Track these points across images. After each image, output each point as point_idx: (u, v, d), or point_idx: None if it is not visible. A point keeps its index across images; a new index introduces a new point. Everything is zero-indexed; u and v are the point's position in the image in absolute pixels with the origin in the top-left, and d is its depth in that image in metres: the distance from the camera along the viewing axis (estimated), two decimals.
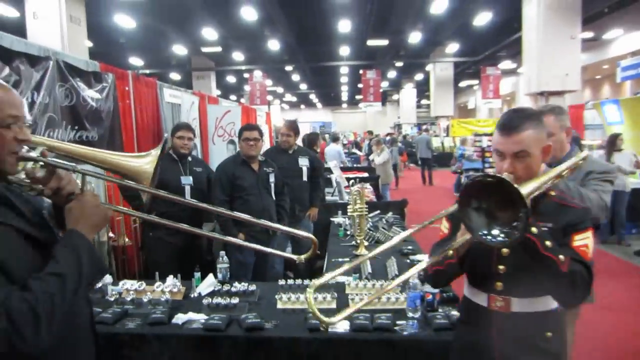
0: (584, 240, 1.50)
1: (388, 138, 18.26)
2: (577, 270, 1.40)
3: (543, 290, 1.51)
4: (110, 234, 4.01)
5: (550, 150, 1.58)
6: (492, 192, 1.29)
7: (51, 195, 1.31)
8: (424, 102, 33.76)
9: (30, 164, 1.27)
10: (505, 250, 1.56)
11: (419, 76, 25.54)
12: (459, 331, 1.81)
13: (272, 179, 3.89)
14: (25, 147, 1.25)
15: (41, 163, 1.27)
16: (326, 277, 1.49)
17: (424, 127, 23.64)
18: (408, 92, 27.68)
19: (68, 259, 1.18)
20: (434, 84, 22.12)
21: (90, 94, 3.99)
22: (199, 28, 14.04)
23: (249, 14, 12.21)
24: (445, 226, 1.77)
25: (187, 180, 3.73)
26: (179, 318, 2.32)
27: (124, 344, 2.22)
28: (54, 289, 1.12)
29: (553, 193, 1.60)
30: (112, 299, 2.54)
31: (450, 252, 1.54)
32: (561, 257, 1.37)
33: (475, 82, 25.90)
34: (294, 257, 1.62)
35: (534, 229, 1.37)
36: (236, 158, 3.87)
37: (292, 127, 4.70)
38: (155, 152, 1.55)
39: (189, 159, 3.84)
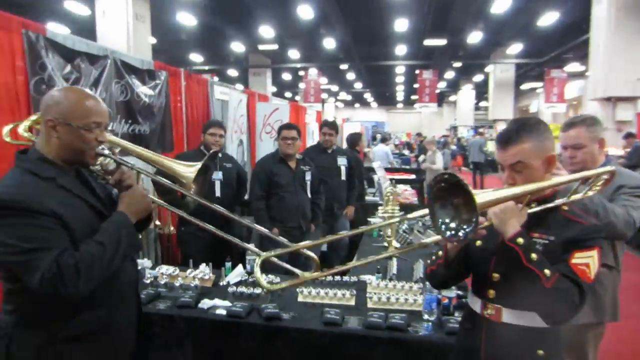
0: (586, 259, 1.45)
1: (442, 140, 17.96)
2: (564, 288, 1.39)
3: (530, 304, 1.51)
4: (157, 222, 4.27)
5: (554, 160, 1.57)
6: (459, 191, 1.37)
7: (114, 184, 1.70)
8: (482, 104, 32.86)
9: (104, 159, 1.67)
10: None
11: (478, 77, 24.87)
12: (457, 334, 1.86)
13: (308, 177, 4.01)
14: (102, 146, 1.63)
15: (111, 159, 1.69)
16: (278, 252, 1.63)
17: (480, 129, 23.03)
18: (466, 94, 27.04)
19: (111, 232, 1.56)
20: (493, 86, 21.50)
21: (144, 90, 4.25)
22: (256, 26, 14.36)
23: (305, 13, 12.38)
24: None
25: (217, 176, 3.81)
26: (205, 303, 2.50)
27: (155, 323, 2.41)
28: (95, 253, 1.48)
29: (565, 208, 1.58)
30: (148, 281, 2.75)
31: (440, 252, 1.60)
32: (547, 271, 1.38)
33: (539, 84, 24.90)
34: (298, 271, 1.75)
35: (519, 240, 1.41)
36: (274, 155, 4.02)
37: (335, 126, 4.82)
38: (198, 165, 1.91)
39: (219, 155, 3.92)
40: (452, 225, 1.43)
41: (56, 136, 1.56)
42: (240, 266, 2.98)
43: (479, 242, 1.68)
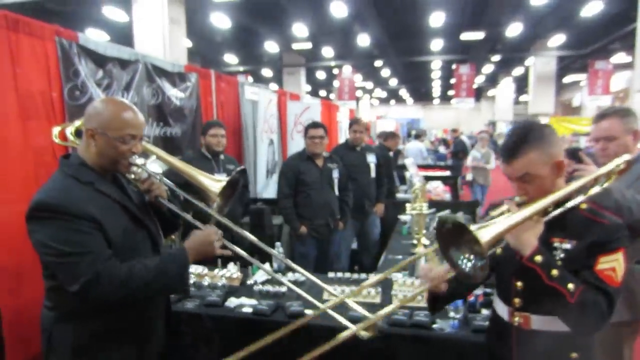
0: (611, 263, 1.40)
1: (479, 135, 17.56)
2: (590, 300, 1.35)
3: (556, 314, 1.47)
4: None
5: (563, 165, 1.50)
6: (463, 233, 1.37)
7: (144, 192, 1.81)
8: (522, 98, 31.97)
9: (137, 168, 1.77)
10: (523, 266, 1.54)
11: (518, 71, 24.19)
12: (486, 340, 1.83)
13: (335, 174, 4.01)
14: (135, 156, 1.72)
15: (141, 170, 1.78)
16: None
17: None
18: (505, 88, 26.36)
19: (165, 265, 1.63)
20: (534, 79, 20.85)
21: (175, 93, 4.35)
22: (290, 25, 14.42)
23: (339, 10, 12.34)
24: None
25: (221, 178, 3.77)
26: (232, 302, 2.54)
27: (182, 321, 2.46)
28: (139, 276, 1.56)
29: (584, 206, 1.51)
30: None
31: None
32: (570, 286, 1.34)
33: (582, 77, 24.04)
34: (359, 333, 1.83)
35: (537, 258, 1.37)
36: (302, 154, 4.04)
37: (364, 124, 4.81)
38: (225, 180, 1.97)
39: (221, 157, 3.87)
40: (470, 262, 1.43)
41: (94, 144, 1.67)
42: (267, 265, 3.00)
43: (499, 250, 1.64)
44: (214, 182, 1.96)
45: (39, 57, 2.86)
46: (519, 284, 1.55)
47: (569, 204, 1.51)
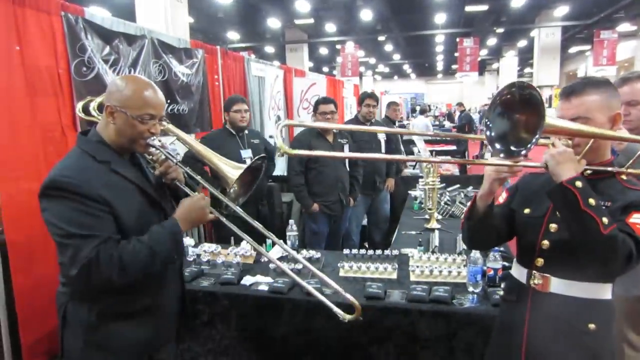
0: None
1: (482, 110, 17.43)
2: (621, 236, 1.29)
3: (585, 273, 1.42)
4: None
5: (620, 119, 1.46)
6: (526, 108, 1.28)
7: (160, 175, 1.76)
8: (527, 70, 31.67)
9: (155, 150, 1.72)
10: (554, 226, 1.50)
11: (522, 43, 23.88)
12: (500, 309, 1.78)
13: (346, 150, 3.96)
14: (154, 137, 1.66)
15: (159, 151, 1.73)
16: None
17: None
18: (509, 61, 26.04)
19: (158, 236, 1.59)
20: (538, 51, 20.57)
21: (181, 70, 4.27)
22: (292, 0, 14.20)
23: None
24: (502, 197, 1.73)
25: (247, 154, 3.70)
26: (247, 280, 2.52)
27: (198, 300, 2.45)
28: (137, 251, 1.53)
29: (624, 177, 1.48)
30: (191, 259, 2.79)
31: (469, 203, 1.56)
32: (605, 220, 1.28)
33: (587, 47, 23.72)
34: (340, 314, 1.80)
35: (579, 183, 1.31)
36: (312, 130, 3.97)
37: (376, 98, 4.73)
38: (243, 167, 1.95)
39: (246, 132, 3.82)
40: (503, 141, 1.33)
41: (113, 122, 1.63)
42: (281, 242, 2.98)
43: (527, 210, 1.60)
44: (232, 169, 1.91)
45: (45, 32, 2.79)
46: (545, 242, 1.51)
47: (612, 168, 1.48)
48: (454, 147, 8.65)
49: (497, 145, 1.34)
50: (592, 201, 1.30)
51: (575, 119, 1.43)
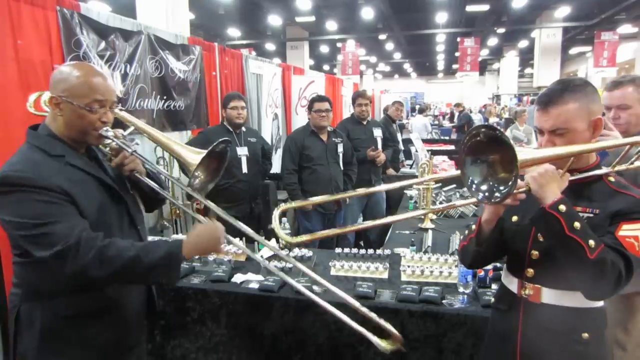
0: (634, 232, 1.32)
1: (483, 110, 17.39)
2: (609, 259, 1.26)
3: (573, 282, 1.39)
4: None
5: (600, 124, 1.41)
6: (496, 148, 1.25)
7: (118, 167, 1.66)
8: (527, 71, 31.62)
9: (109, 141, 1.62)
10: (541, 235, 1.47)
11: (523, 43, 23.85)
12: (491, 317, 1.75)
13: (340, 149, 3.97)
14: (107, 127, 1.56)
15: (113, 141, 1.62)
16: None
17: (525, 97, 22.18)
18: (510, 61, 25.99)
19: (153, 252, 1.46)
20: (539, 52, 20.56)
21: (178, 66, 4.26)
22: None
23: None
24: None
25: (243, 151, 3.71)
26: (238, 277, 2.52)
27: (189, 297, 2.45)
28: (122, 254, 1.42)
29: (612, 179, 1.45)
30: None
31: (473, 226, 1.52)
32: (591, 242, 1.25)
33: (588, 48, 23.70)
34: (379, 345, 1.56)
35: (561, 207, 1.28)
36: (306, 128, 3.98)
37: (368, 97, 4.73)
38: (204, 153, 1.72)
39: (243, 129, 3.83)
40: (484, 187, 1.31)
41: (60, 114, 1.53)
42: (273, 240, 2.98)
43: (515, 218, 1.57)
44: (194, 154, 1.73)
45: (40, 26, 2.79)
46: (535, 252, 1.48)
47: (597, 172, 1.45)
48: (452, 147, 8.63)
49: (481, 193, 1.32)
50: (577, 225, 1.28)
51: (554, 131, 1.40)
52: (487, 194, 1.31)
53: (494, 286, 2.33)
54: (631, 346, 2.29)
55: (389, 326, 1.55)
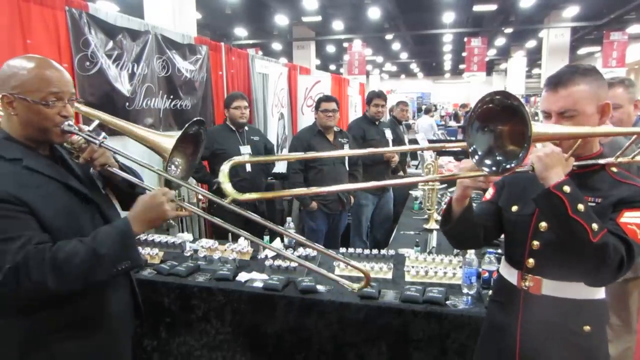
0: (636, 219, 1.31)
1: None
2: (612, 244, 1.24)
3: (578, 273, 1.36)
4: (200, 196, 4.35)
5: (609, 109, 1.40)
6: (509, 118, 1.20)
7: (87, 163, 1.52)
8: (535, 71, 31.46)
9: (73, 136, 1.48)
10: (543, 224, 1.45)
11: (531, 43, 23.71)
12: (488, 310, 1.74)
13: (346, 149, 3.97)
14: (68, 121, 1.43)
15: (78, 136, 1.48)
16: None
17: (533, 98, 22.05)
18: (517, 61, 25.85)
19: (102, 237, 1.35)
20: (547, 52, 20.42)
21: (185, 65, 4.30)
22: None
23: None
24: (489, 192, 1.68)
25: (246, 150, 3.75)
26: (243, 276, 2.54)
27: (194, 295, 2.47)
28: (74, 252, 1.30)
29: (614, 169, 1.43)
30: (188, 254, 2.82)
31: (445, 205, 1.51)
32: (594, 226, 1.24)
33: (597, 48, 23.53)
34: (347, 285, 1.52)
35: (566, 187, 1.26)
36: (312, 128, 3.99)
37: (385, 98, 4.73)
38: (177, 135, 1.59)
39: (246, 128, 3.88)
40: (488, 158, 1.25)
41: (14, 113, 1.39)
42: (278, 240, 3.00)
43: (515, 207, 1.54)
44: (165, 138, 1.60)
45: (49, 26, 2.83)
46: (536, 242, 1.46)
47: (601, 160, 1.44)
48: (459, 148, 8.62)
49: (487, 163, 1.25)
50: (581, 207, 1.25)
51: (563, 113, 1.37)
52: (492, 166, 1.24)
53: (493, 285, 2.33)
54: (623, 332, 2.39)
55: (360, 266, 1.54)
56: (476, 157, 1.26)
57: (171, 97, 4.12)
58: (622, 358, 2.48)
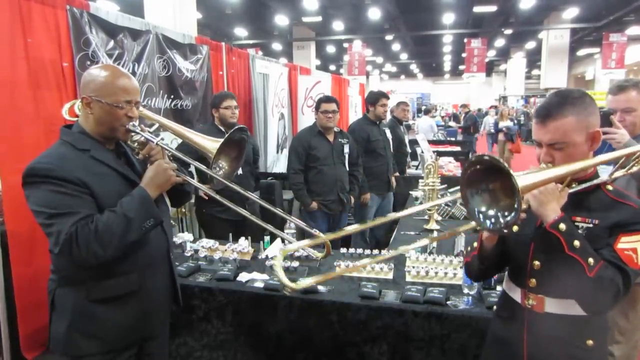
0: (633, 244, 1.33)
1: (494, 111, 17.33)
2: (608, 276, 1.29)
3: (572, 292, 1.40)
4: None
5: (599, 137, 1.40)
6: (497, 176, 1.23)
7: (143, 160, 1.78)
8: (534, 72, 31.51)
9: (136, 135, 1.75)
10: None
11: (530, 44, 23.76)
12: (492, 323, 1.74)
13: (346, 149, 3.97)
14: (133, 122, 1.70)
15: (139, 135, 1.74)
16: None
17: (532, 99, 22.08)
18: (517, 62, 25.92)
19: (127, 204, 1.61)
20: (546, 53, 20.47)
21: (186, 65, 4.28)
22: None
23: None
24: None
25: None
26: (243, 276, 2.53)
27: (194, 295, 2.47)
28: (109, 221, 1.56)
29: (610, 188, 1.45)
30: (189, 254, 2.81)
31: (475, 244, 1.52)
32: (590, 260, 1.28)
33: (596, 50, 23.56)
34: (313, 253, 1.68)
35: (561, 226, 1.30)
36: (312, 129, 3.98)
37: (388, 97, 4.74)
38: (221, 141, 1.90)
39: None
40: (490, 213, 1.28)
41: (90, 112, 1.67)
42: (279, 240, 3.00)
43: (516, 227, 1.52)
44: (211, 142, 1.90)
45: (50, 25, 2.81)
46: (537, 263, 1.47)
47: (596, 181, 1.45)
48: (458, 149, 8.62)
49: (489, 222, 1.29)
50: (577, 243, 1.29)
51: (553, 144, 1.39)
52: (493, 221, 1.28)
53: (499, 288, 2.33)
54: (630, 332, 2.40)
55: (318, 233, 1.57)
56: (480, 217, 1.30)
57: (172, 96, 4.11)
58: (628, 357, 2.47)
